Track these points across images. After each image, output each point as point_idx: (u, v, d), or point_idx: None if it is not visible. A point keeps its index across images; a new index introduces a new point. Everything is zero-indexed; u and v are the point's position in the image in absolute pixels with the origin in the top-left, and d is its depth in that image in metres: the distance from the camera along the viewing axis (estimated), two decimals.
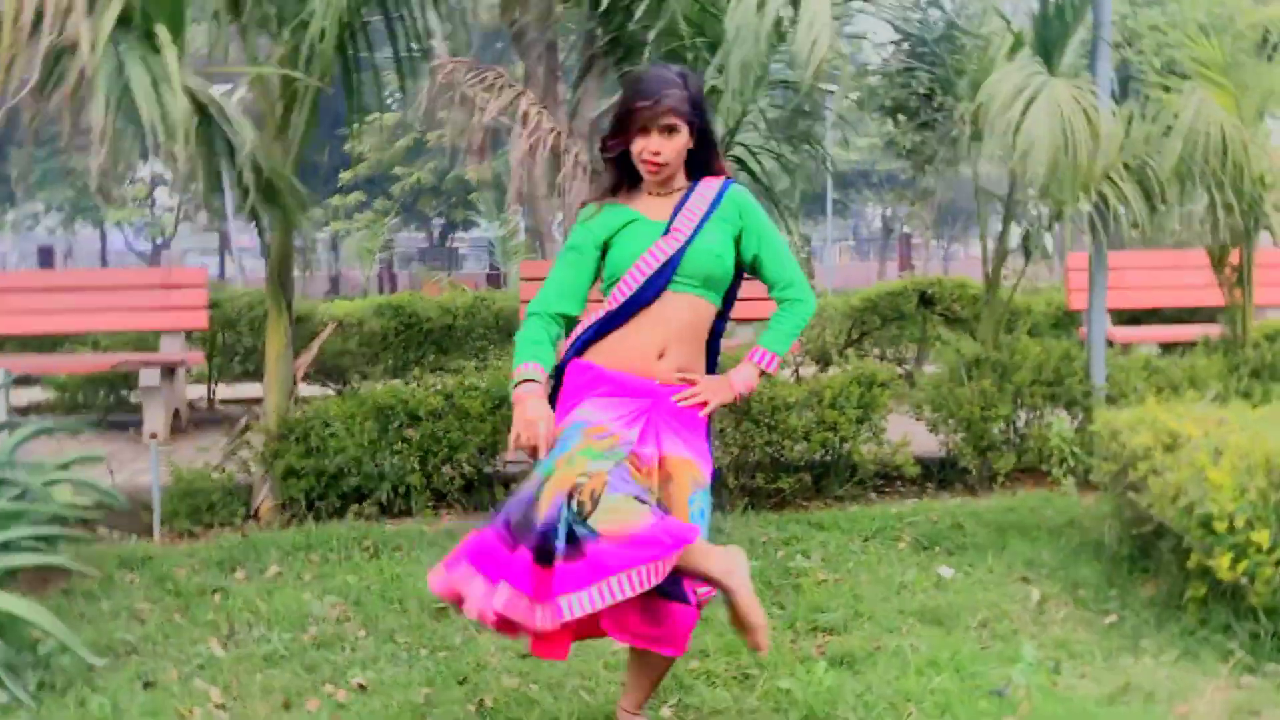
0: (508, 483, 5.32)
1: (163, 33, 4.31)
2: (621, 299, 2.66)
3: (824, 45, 4.37)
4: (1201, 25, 6.56)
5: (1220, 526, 3.25)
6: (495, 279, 21.45)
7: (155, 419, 6.94)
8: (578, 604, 2.31)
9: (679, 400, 2.66)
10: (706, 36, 5.26)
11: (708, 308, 2.72)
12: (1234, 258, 5.92)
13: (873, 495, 5.62)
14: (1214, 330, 6.27)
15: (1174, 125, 5.46)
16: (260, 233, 5.24)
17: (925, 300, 8.63)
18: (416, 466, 5.22)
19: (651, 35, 5.24)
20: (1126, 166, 5.45)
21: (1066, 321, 8.69)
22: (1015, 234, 6.12)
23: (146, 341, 7.77)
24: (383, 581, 4.13)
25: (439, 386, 5.35)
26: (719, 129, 5.34)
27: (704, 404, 2.68)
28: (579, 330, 2.74)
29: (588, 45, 5.99)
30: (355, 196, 25.99)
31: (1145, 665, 3.22)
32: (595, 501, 2.35)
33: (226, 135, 4.53)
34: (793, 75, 5.50)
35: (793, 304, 2.80)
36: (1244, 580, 3.23)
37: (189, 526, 5.18)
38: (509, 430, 4.84)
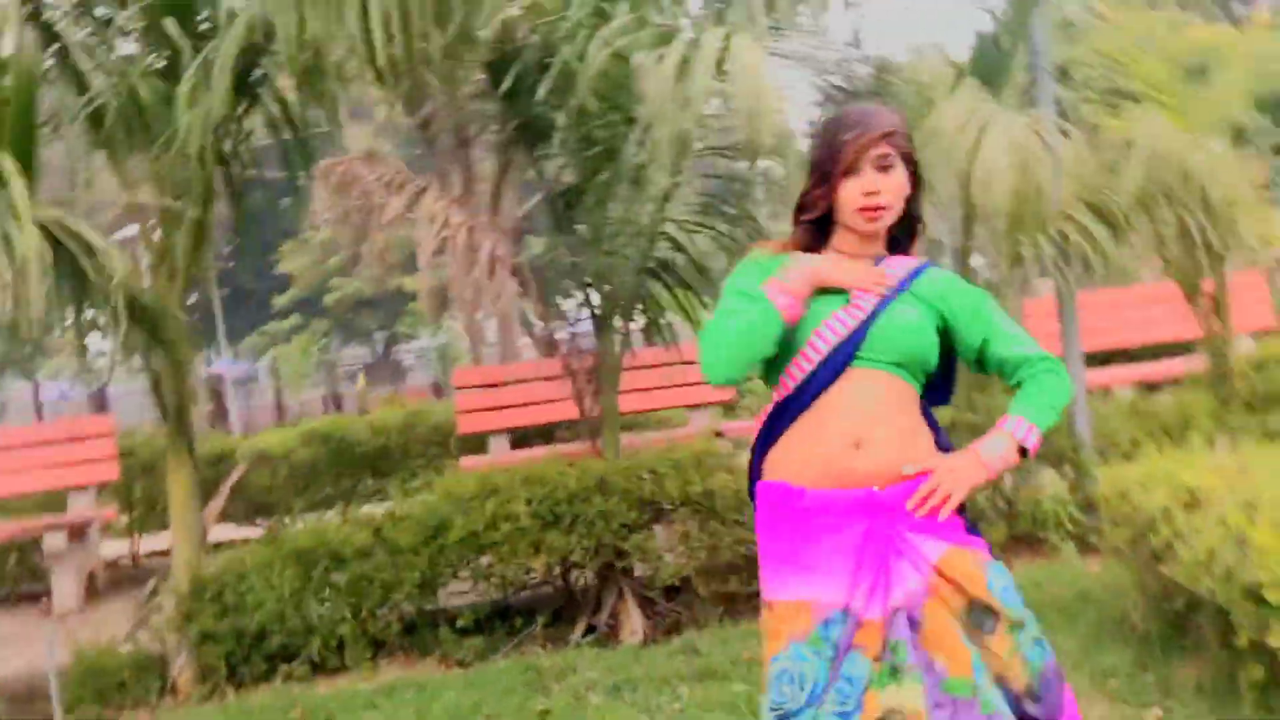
0: (453, 620, 4.75)
1: (8, 163, 3.85)
2: (795, 381, 2.15)
3: (768, 107, 3.95)
4: (1136, 50, 6.35)
5: (1273, 596, 2.78)
6: (439, 390, 20.98)
7: (66, 588, 6.29)
8: None
9: (914, 508, 2.09)
10: (622, 111, 4.86)
11: (905, 388, 2.17)
12: (1207, 285, 5.57)
13: None
14: (1194, 364, 5.89)
15: (1129, 151, 5.15)
16: (148, 369, 4.71)
17: None
18: (348, 614, 4.64)
19: (560, 116, 4.84)
20: (1082, 200, 5.11)
21: None
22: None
23: (58, 500, 7.15)
24: None
25: (364, 522, 4.80)
26: (648, 209, 4.94)
27: (946, 499, 2.09)
28: (757, 430, 2.25)
29: (501, 132, 5.59)
30: (292, 320, 25.52)
31: None
32: None
33: (91, 269, 4.04)
34: (722, 141, 5.10)
35: (1048, 375, 2.21)
36: None
37: (98, 711, 4.56)
38: (447, 561, 4.27)
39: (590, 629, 4.85)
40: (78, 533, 6.46)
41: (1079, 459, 5.09)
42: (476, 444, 7.04)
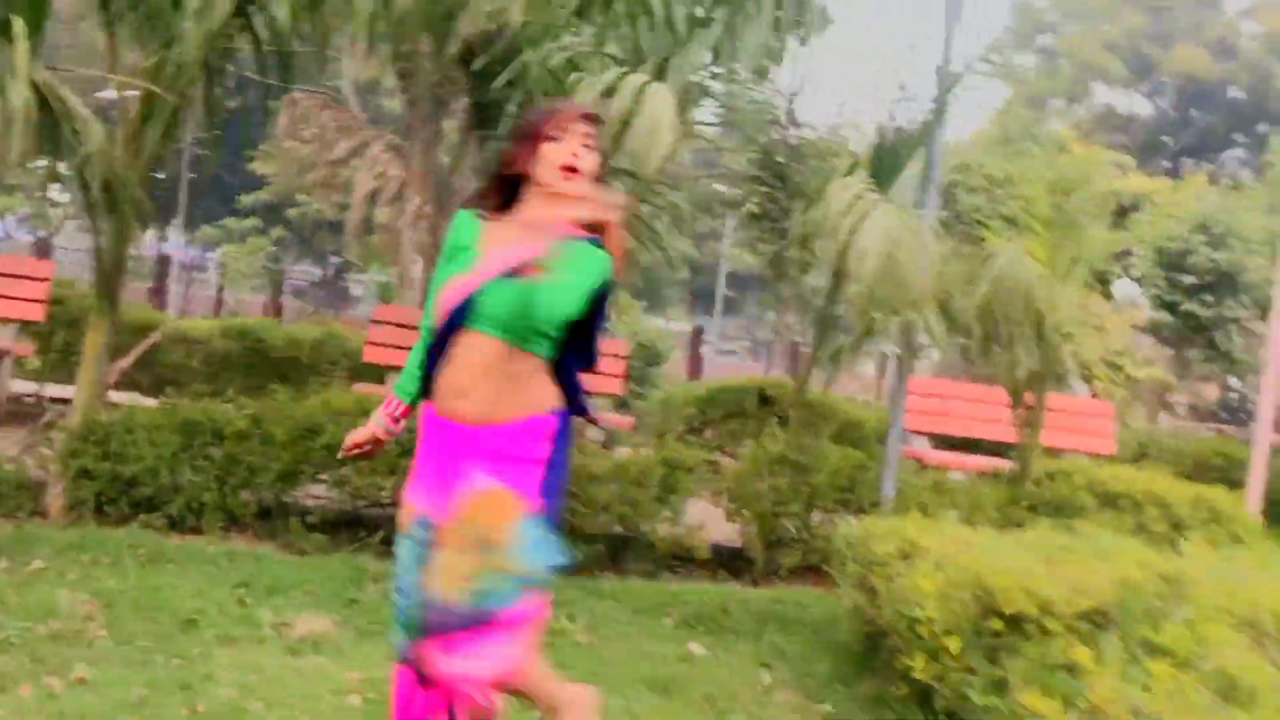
0: (303, 514, 5.38)
1: (18, 25, 4.41)
2: (434, 337, 2.59)
3: (666, 144, 4.64)
4: (1054, 181, 7.10)
5: (923, 630, 3.52)
6: None
7: None
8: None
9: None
10: None
11: (515, 355, 2.54)
12: (1028, 399, 6.35)
13: (666, 574, 5.79)
14: (1004, 464, 6.68)
15: (986, 266, 5.89)
16: (95, 234, 5.28)
17: (764, 399, 8.97)
18: (214, 486, 5.25)
19: (512, 104, 5.49)
20: (936, 298, 5.84)
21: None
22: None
23: None
24: (143, 590, 4.16)
25: (249, 409, 5.41)
26: None
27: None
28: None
29: (466, 115, 6.23)
30: (251, 221, 25.81)
31: None
32: None
33: (68, 133, 4.63)
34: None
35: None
36: (934, 683, 3.48)
37: None
38: (310, 461, 4.97)
39: None
40: None
41: (876, 512, 5.83)
42: (377, 375, 7.66)
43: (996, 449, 8.73)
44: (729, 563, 6.06)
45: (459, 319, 2.52)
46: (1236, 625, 3.45)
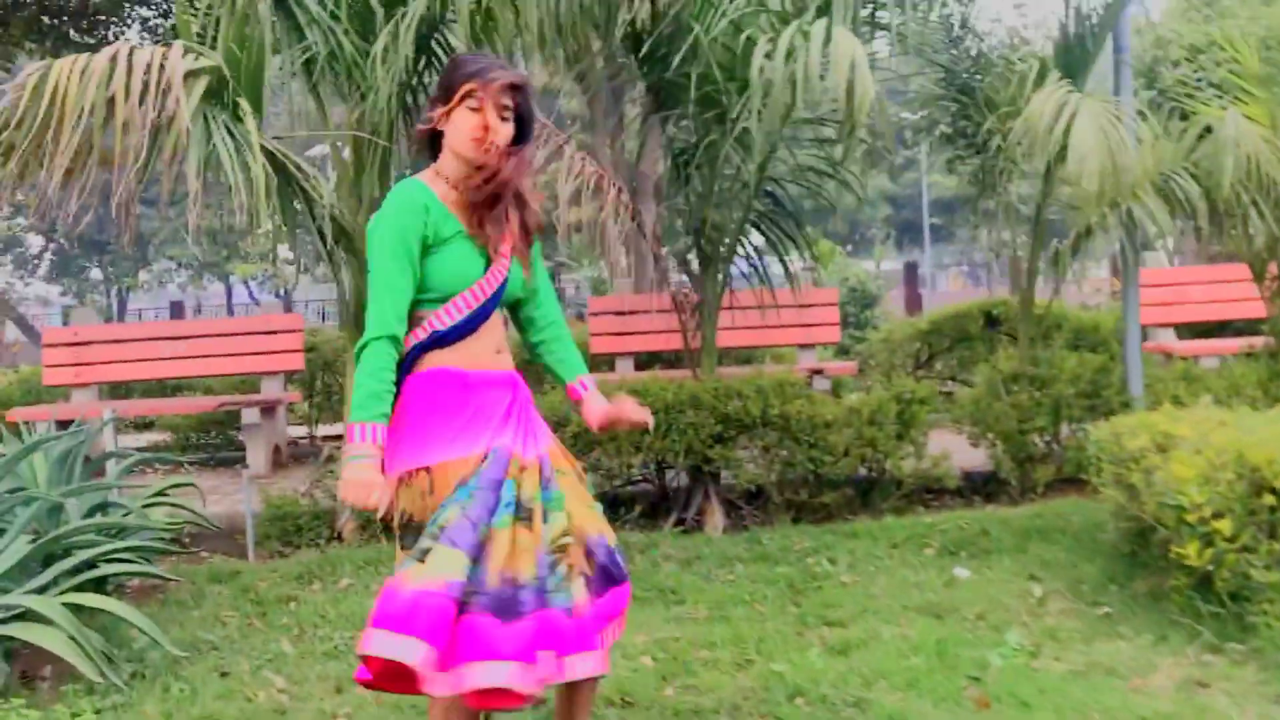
0: None
1: (244, 104, 4.88)
2: (453, 319, 2.52)
3: (868, 88, 4.64)
4: (1252, 39, 6.68)
5: (1190, 517, 3.47)
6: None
7: (257, 454, 7.54)
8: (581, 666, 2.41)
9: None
10: (736, 80, 5.63)
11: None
12: (1273, 269, 6.03)
13: (920, 509, 5.83)
14: (1259, 340, 6.36)
15: (1205, 140, 5.63)
16: (337, 279, 5.77)
17: (991, 321, 8.79)
18: None
19: (686, 72, 5.63)
20: (1151, 182, 5.62)
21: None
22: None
23: (252, 384, 8.46)
24: None
25: None
26: (751, 168, 5.73)
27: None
28: (407, 345, 2.52)
29: (643, 101, 6.41)
30: None
31: (1118, 647, 3.45)
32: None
33: (305, 191, 5.09)
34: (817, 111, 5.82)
35: (567, 340, 2.85)
36: (1211, 568, 3.43)
37: (279, 548, 5.68)
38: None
39: (679, 521, 5.74)
40: (269, 411, 7.70)
41: (1124, 413, 5.68)
42: (607, 363, 7.98)
43: (1248, 328, 8.29)
44: (981, 487, 6.04)
45: (486, 313, 2.55)
46: None
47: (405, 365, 2.51)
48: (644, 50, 5.55)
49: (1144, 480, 3.85)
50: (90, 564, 4.07)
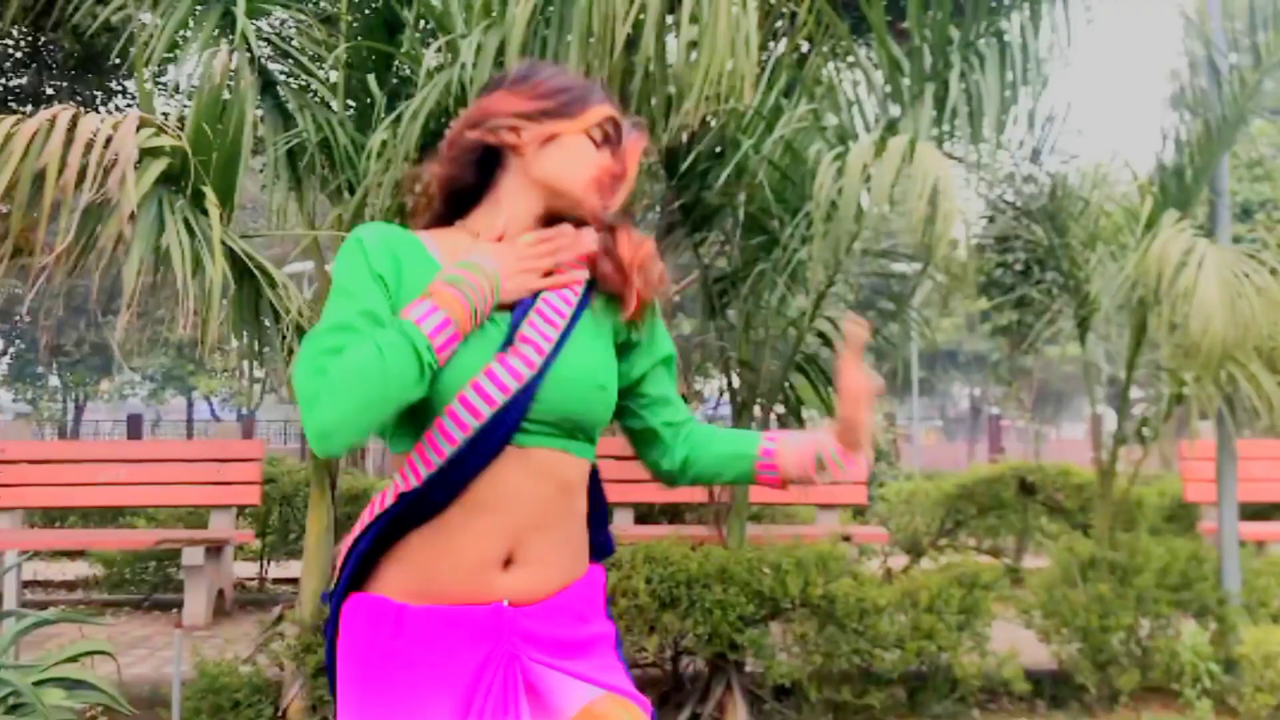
0: None
1: (210, 193, 4.10)
2: (430, 466, 1.48)
3: (950, 216, 3.91)
4: None
5: None
6: None
7: (197, 601, 6.54)
8: None
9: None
10: (787, 204, 4.92)
11: (583, 466, 1.60)
12: None
13: (975, 712, 4.93)
14: None
15: None
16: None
17: (1026, 488, 7.98)
18: None
19: (728, 204, 4.93)
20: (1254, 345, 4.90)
21: (1181, 514, 7.96)
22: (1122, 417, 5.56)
23: (200, 517, 7.48)
24: None
25: None
26: (803, 301, 4.98)
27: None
28: (356, 531, 1.58)
29: (665, 213, 5.72)
30: None
31: None
32: None
33: (270, 299, 4.27)
34: (884, 244, 5.10)
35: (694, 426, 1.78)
36: None
37: None
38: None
39: (695, 717, 4.80)
40: (215, 550, 6.72)
41: (1224, 613, 4.84)
42: None
43: None
44: (1049, 691, 5.13)
45: (509, 426, 1.48)
46: None
47: (344, 580, 1.57)
48: (691, 169, 4.82)
49: None
50: None
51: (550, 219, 1.63)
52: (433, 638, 1.48)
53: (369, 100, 4.72)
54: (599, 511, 1.68)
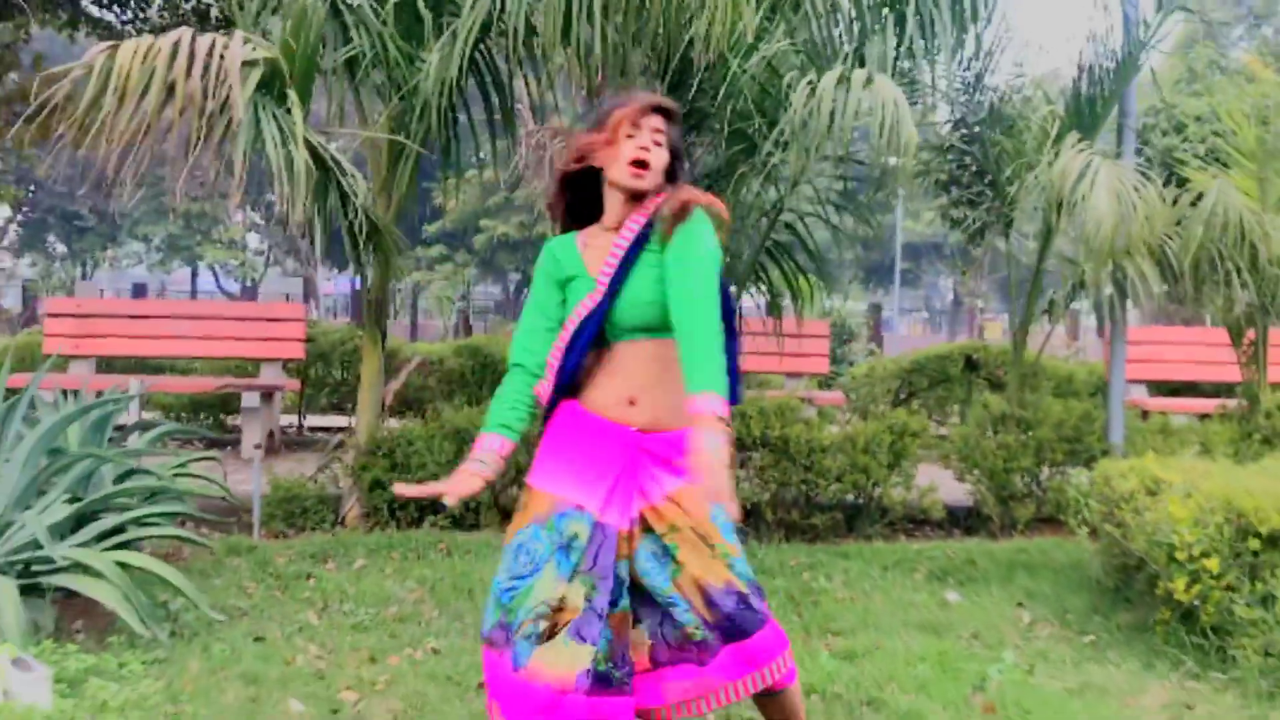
0: None
1: (294, 96, 5.05)
2: (556, 361, 2.59)
3: (909, 134, 4.89)
4: (1248, 113, 7.05)
5: (1181, 555, 3.74)
6: None
7: (253, 437, 7.66)
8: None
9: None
10: (766, 116, 5.89)
11: (664, 347, 2.50)
12: (1250, 335, 6.37)
13: (901, 537, 6.09)
14: (1232, 402, 6.71)
15: (1196, 209, 5.96)
16: (362, 274, 5.93)
17: (971, 364, 9.11)
18: (490, 486, 5.81)
19: (723, 108, 5.88)
20: (1145, 244, 5.94)
21: (1104, 389, 9.08)
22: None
23: (245, 370, 8.58)
24: (454, 575, 4.74)
25: None
26: (773, 198, 5.99)
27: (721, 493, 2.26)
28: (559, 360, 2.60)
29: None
30: (438, 249, 27.12)
31: (1107, 671, 3.71)
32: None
33: (341, 186, 5.26)
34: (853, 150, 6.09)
35: (691, 335, 2.42)
36: (1197, 603, 3.71)
37: (284, 529, 5.82)
38: None
39: None
40: (268, 396, 7.83)
41: (1104, 460, 5.98)
42: None
43: (1214, 390, 8.66)
44: (963, 521, 6.30)
45: (583, 340, 2.54)
46: None
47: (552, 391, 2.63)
48: (682, 79, 5.77)
49: (1134, 520, 4.13)
50: (119, 528, 4.20)
51: (633, 198, 2.57)
52: (596, 433, 2.56)
53: (418, 18, 5.64)
54: (732, 369, 2.58)
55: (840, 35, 6.01)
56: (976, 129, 6.77)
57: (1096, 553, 4.62)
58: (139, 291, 30.53)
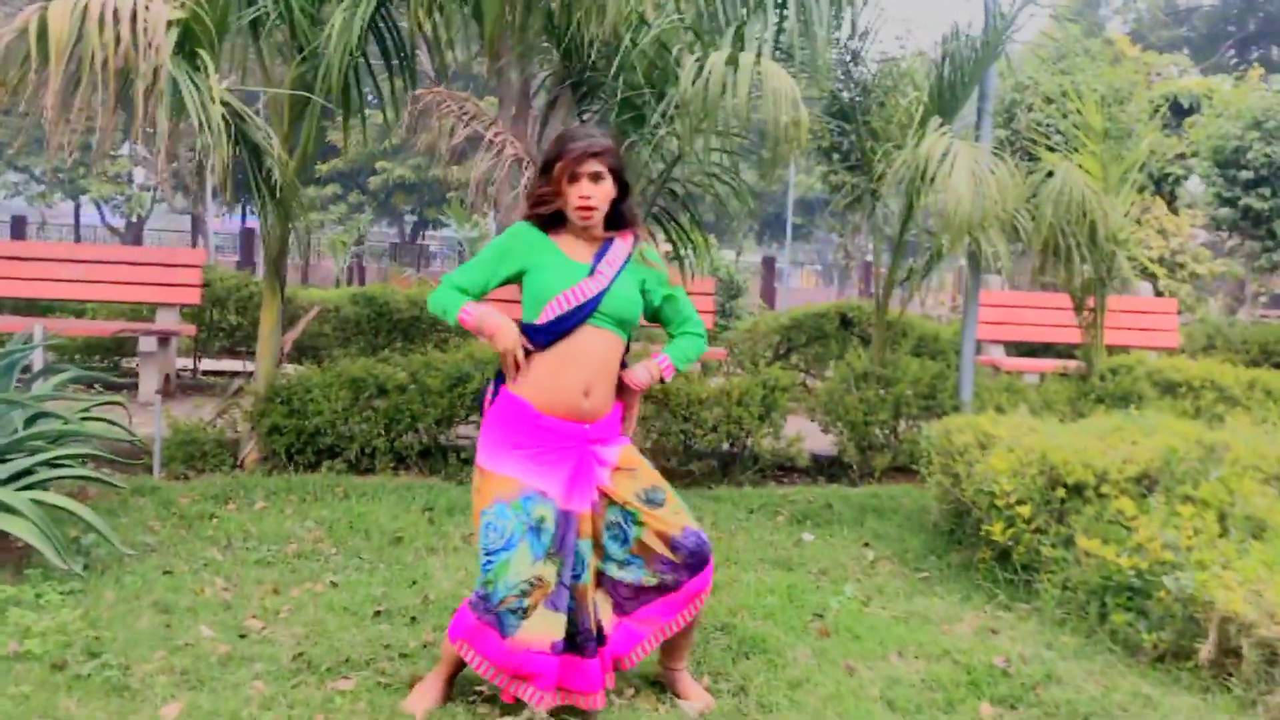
0: (458, 451, 6.28)
1: (204, 55, 5.24)
2: (543, 322, 3.01)
3: (794, 115, 5.29)
4: (1106, 95, 7.63)
5: (1000, 502, 4.28)
6: None
7: (150, 382, 7.83)
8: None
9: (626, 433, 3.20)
10: (655, 88, 6.24)
11: (619, 344, 3.10)
12: (1090, 303, 7.00)
13: (771, 483, 6.59)
14: (1074, 364, 7.36)
15: (1045, 189, 6.52)
16: (263, 223, 6.15)
17: (845, 322, 9.67)
18: (382, 432, 6.14)
19: (615, 79, 6.20)
20: (997, 218, 6.48)
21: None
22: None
23: (139, 314, 8.67)
24: (351, 516, 5.07)
25: (404, 366, 6.29)
26: (659, 168, 6.37)
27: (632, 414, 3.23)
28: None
29: (556, 84, 6.97)
30: (331, 189, 26.86)
31: (932, 602, 4.24)
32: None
33: (252, 141, 5.48)
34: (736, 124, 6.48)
35: (694, 337, 3.27)
36: (1011, 543, 4.26)
37: (184, 471, 6.05)
38: (463, 405, 5.65)
39: None
40: (164, 340, 7.98)
41: (954, 415, 6.55)
42: None
43: (1066, 352, 9.36)
44: (827, 469, 6.84)
45: (585, 312, 3.01)
46: (1265, 480, 4.16)
47: (499, 376, 3.11)
48: (577, 48, 6.08)
49: (966, 471, 4.67)
50: (30, 470, 4.43)
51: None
52: (549, 433, 3.01)
53: None
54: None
55: (724, 12, 6.38)
56: (853, 103, 7.24)
57: (935, 499, 5.15)
58: (17, 225, 29.48)
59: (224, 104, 5.16)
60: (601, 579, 3.12)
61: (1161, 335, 9.33)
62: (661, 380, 3.21)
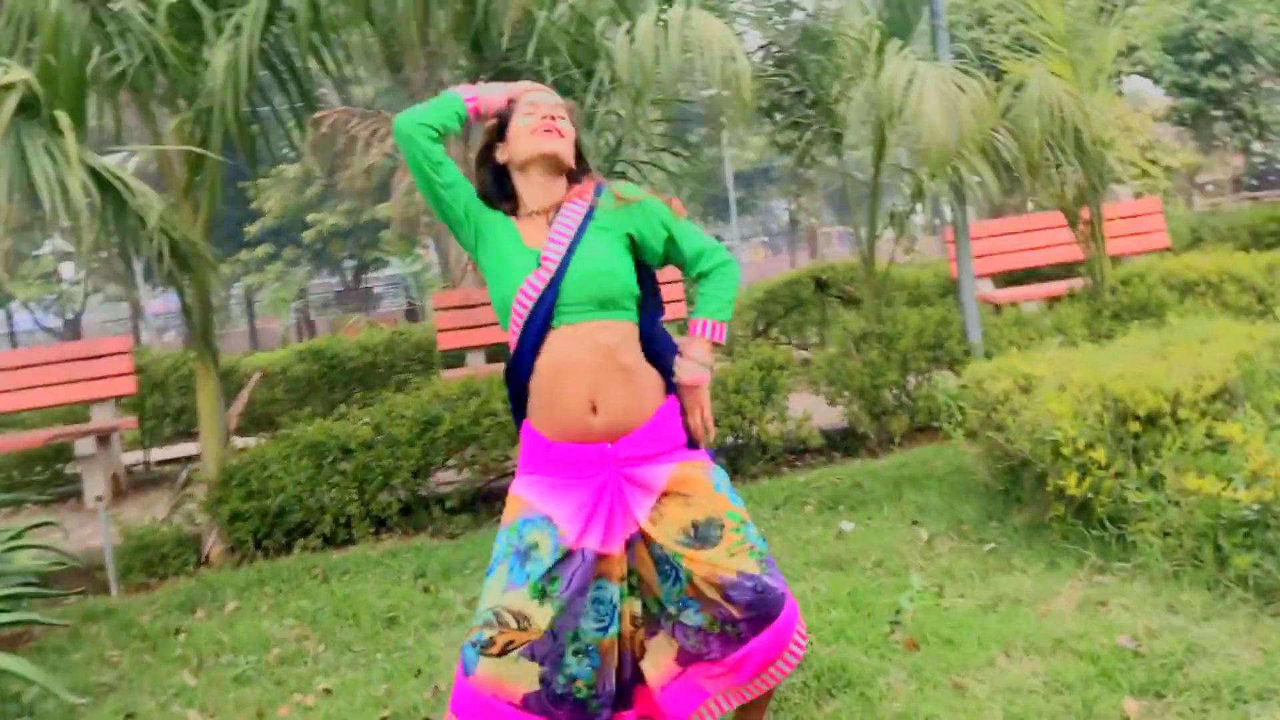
0: (442, 501, 5.67)
1: (63, 117, 4.59)
2: (514, 334, 2.48)
3: (741, 69, 4.73)
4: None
5: (1066, 450, 3.72)
6: (413, 314, 21.67)
7: (96, 485, 7.14)
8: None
9: (696, 433, 2.51)
10: (582, 66, 5.66)
11: (618, 330, 2.44)
12: (1084, 214, 6.47)
13: (785, 470, 6.03)
14: (1078, 282, 6.84)
15: (1018, 98, 5.99)
16: (181, 296, 5.50)
17: (820, 285, 9.13)
18: (354, 496, 5.52)
19: (538, 62, 5.62)
20: (974, 141, 5.94)
21: (953, 289, 9.22)
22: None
23: (76, 414, 7.97)
24: (335, 601, 4.45)
25: (367, 418, 5.66)
26: (604, 150, 5.78)
27: (706, 414, 2.52)
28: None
29: (472, 83, 6.38)
30: (264, 248, 26.04)
31: (1016, 579, 3.67)
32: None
33: (133, 208, 4.83)
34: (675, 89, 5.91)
35: (719, 270, 2.54)
36: (1090, 495, 3.70)
37: (144, 580, 5.43)
38: (437, 454, 5.02)
39: None
40: (104, 439, 7.29)
41: (967, 362, 6.01)
42: (456, 359, 7.89)
43: (1057, 273, 8.86)
44: (841, 444, 6.28)
45: (544, 314, 2.42)
46: None
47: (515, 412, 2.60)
48: (487, 38, 5.50)
49: (1012, 420, 4.10)
50: None
51: (553, 172, 2.53)
52: (567, 463, 2.44)
53: (194, 16, 5.20)
54: (659, 344, 2.54)
55: None
56: (791, 50, 6.68)
57: (979, 457, 4.59)
58: None
59: (93, 171, 4.53)
60: (660, 622, 2.53)
61: (1152, 237, 8.83)
62: (717, 347, 2.54)
